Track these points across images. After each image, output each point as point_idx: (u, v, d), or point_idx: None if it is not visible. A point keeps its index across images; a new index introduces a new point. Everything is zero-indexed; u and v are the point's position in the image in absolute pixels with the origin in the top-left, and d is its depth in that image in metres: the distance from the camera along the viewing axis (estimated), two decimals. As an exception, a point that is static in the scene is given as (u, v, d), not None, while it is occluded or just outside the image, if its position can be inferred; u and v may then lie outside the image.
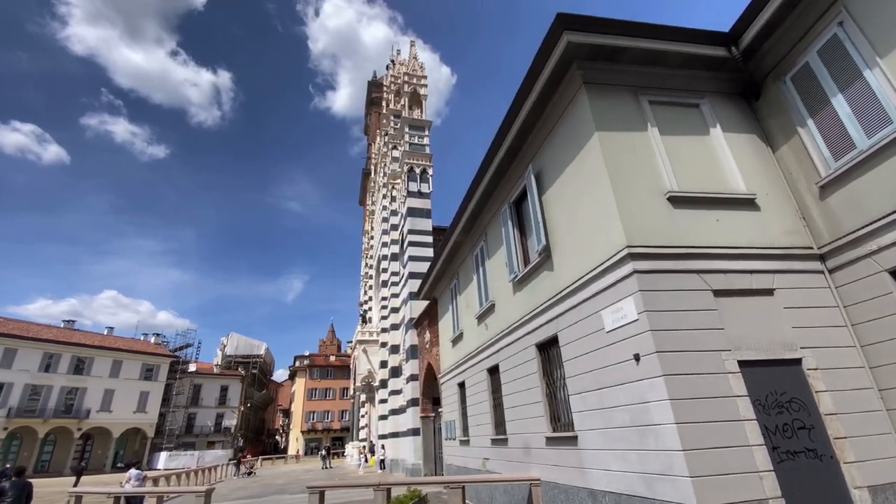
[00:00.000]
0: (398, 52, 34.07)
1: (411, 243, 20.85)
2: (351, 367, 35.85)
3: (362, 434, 36.39)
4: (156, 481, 15.68)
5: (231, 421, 50.27)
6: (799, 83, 6.07)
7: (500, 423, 9.57)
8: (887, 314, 5.01)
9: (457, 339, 12.84)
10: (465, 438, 11.68)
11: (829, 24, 5.59)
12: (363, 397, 35.35)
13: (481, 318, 10.67)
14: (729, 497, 4.29)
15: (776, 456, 4.60)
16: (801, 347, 5.18)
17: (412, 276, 20.03)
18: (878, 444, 4.77)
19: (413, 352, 18.69)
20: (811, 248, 5.82)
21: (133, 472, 11.03)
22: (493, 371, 9.96)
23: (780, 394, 4.92)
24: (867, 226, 5.16)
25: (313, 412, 58.77)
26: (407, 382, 18.98)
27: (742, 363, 4.94)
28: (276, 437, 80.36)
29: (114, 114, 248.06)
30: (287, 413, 76.04)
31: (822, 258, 5.76)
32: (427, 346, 16.95)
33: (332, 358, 65.35)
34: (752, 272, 5.51)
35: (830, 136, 5.63)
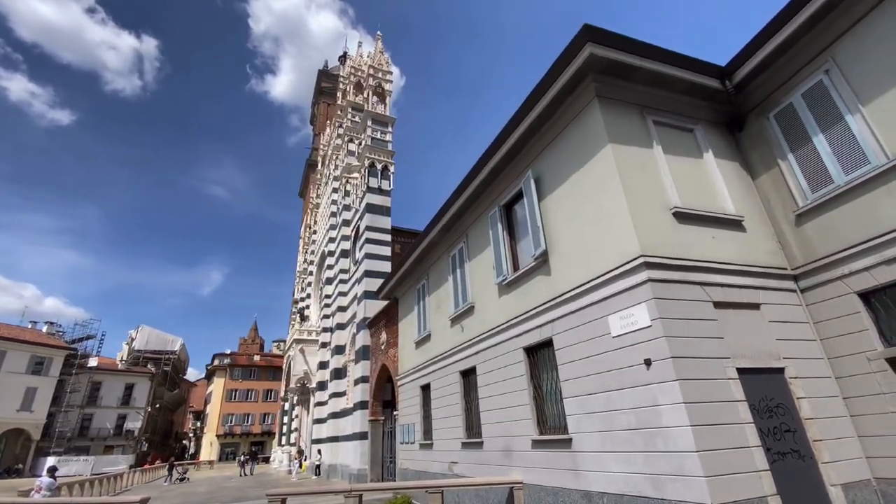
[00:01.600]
0: (360, 43, 33.22)
1: (369, 240, 20.22)
2: (283, 367, 33.86)
3: (291, 438, 34.43)
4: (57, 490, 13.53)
5: (135, 423, 45.11)
6: (782, 120, 6.73)
7: (473, 426, 9.49)
8: (853, 331, 5.66)
9: (423, 341, 12.59)
10: (428, 442, 11.44)
11: (816, 71, 6.26)
12: (293, 399, 33.53)
13: (456, 319, 10.56)
14: (736, 495, 4.56)
15: (770, 456, 4.98)
16: (784, 357, 5.70)
17: (368, 274, 19.41)
18: (847, 446, 5.36)
19: (365, 353, 18.05)
20: (785, 268, 6.45)
21: (45, 480, 9.41)
22: (468, 373, 9.88)
23: (769, 399, 5.36)
24: (840, 252, 5.81)
25: (232, 415, 54.61)
26: (356, 384, 18.26)
27: (739, 370, 5.32)
28: (184, 441, 73.59)
29: (10, 68, 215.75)
30: (199, 415, 70.00)
31: (795, 278, 6.40)
32: (382, 347, 16.47)
33: (257, 357, 61.38)
34: (742, 287, 5.97)
35: (809, 170, 6.29)
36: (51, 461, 34.98)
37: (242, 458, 29.68)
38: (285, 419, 36.28)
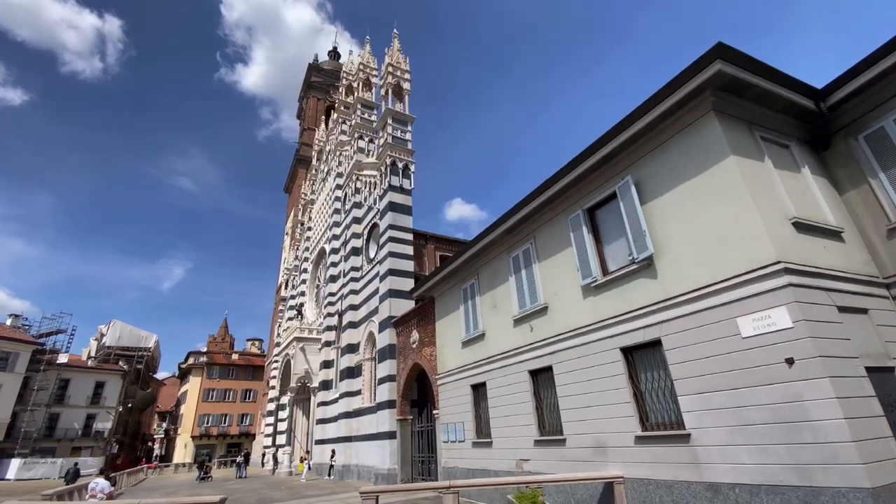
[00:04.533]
0: (368, 39, 32.98)
1: (392, 239, 20.10)
2: (279, 365, 32.93)
3: (280, 439, 33.51)
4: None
5: (105, 423, 42.68)
6: (872, 142, 7.35)
7: (547, 424, 9.72)
8: (950, 335, 6.29)
9: (473, 340, 12.72)
10: (485, 440, 11.58)
11: (911, 99, 6.91)
12: (291, 399, 32.65)
13: (522, 319, 10.77)
14: (887, 479, 5.02)
15: (901, 446, 5.48)
16: (893, 358, 6.25)
17: (392, 272, 19.32)
18: (954, 438, 5.94)
19: (391, 351, 17.93)
20: (878, 277, 7.05)
21: (101, 483, 8.89)
22: (540, 372, 10.10)
23: (889, 395, 5.87)
24: (936, 263, 6.44)
25: (208, 415, 52.54)
26: (380, 383, 18.11)
27: (867, 369, 5.81)
28: (149, 443, 70.04)
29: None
30: (167, 416, 66.92)
31: (887, 286, 7.00)
32: (414, 345, 16.45)
33: (235, 356, 59.35)
34: (852, 293, 6.49)
35: (903, 189, 6.91)
36: (16, 464, 32.78)
37: (240, 459, 28.76)
38: (279, 418, 35.28)
